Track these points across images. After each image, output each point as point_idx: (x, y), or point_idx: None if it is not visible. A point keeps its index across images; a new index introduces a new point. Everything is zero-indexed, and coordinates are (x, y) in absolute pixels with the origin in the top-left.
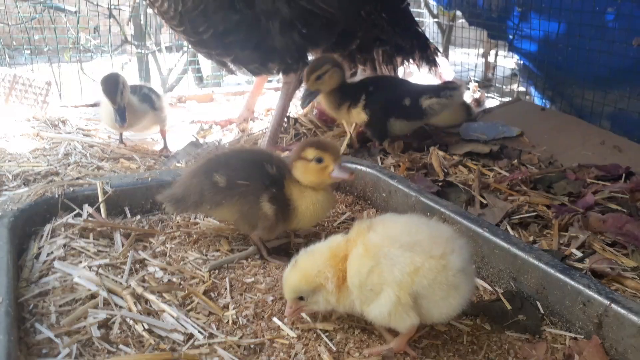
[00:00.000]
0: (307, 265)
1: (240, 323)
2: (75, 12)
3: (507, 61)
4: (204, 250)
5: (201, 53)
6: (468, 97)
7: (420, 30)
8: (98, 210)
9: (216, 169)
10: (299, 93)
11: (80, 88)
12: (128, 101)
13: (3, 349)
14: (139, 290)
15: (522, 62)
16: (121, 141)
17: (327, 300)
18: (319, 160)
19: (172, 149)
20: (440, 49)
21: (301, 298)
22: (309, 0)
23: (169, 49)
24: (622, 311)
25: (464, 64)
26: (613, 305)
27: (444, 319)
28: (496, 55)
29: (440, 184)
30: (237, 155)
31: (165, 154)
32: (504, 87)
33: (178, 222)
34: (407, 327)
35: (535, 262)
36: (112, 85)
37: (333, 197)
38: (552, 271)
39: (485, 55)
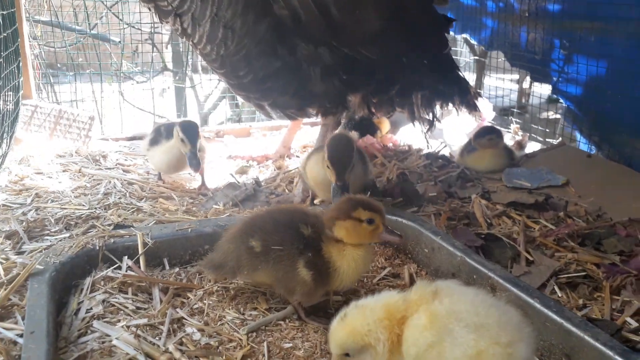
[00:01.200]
0: (357, 322)
1: None
2: (119, 42)
3: (542, 87)
4: (242, 309)
5: (240, 96)
6: (510, 139)
7: (461, 74)
8: (137, 262)
9: (252, 234)
10: None
11: (121, 119)
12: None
13: None
14: (177, 355)
15: (566, 105)
16: (159, 178)
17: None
18: (370, 222)
19: (210, 184)
20: (475, 77)
21: (347, 354)
22: (351, 47)
23: (205, 70)
24: None
25: (499, 89)
26: None
27: None
28: (531, 81)
29: (483, 236)
30: (272, 217)
31: (203, 191)
32: (540, 113)
33: None
34: None
35: (592, 341)
36: (195, 130)
37: (373, 250)
38: (610, 353)
39: (520, 81)
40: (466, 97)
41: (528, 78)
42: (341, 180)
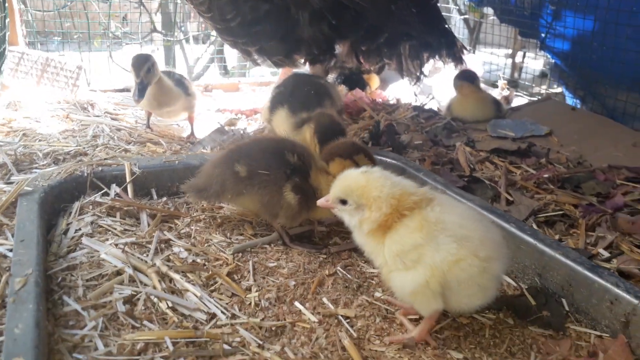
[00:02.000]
0: (375, 183)
1: (263, 305)
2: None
3: (534, 62)
4: (228, 234)
5: (227, 42)
6: (497, 94)
7: (448, 27)
8: (125, 190)
9: (237, 159)
10: None
11: (110, 72)
12: (162, 81)
13: (32, 317)
14: (164, 269)
15: (553, 61)
16: (148, 126)
17: (360, 224)
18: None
19: (199, 135)
20: (468, 48)
21: (342, 202)
22: None
23: (196, 39)
24: None
25: (492, 63)
26: None
27: (457, 312)
28: (524, 55)
29: (466, 179)
30: (259, 145)
31: (192, 140)
32: (532, 87)
33: (203, 205)
34: (429, 311)
35: (563, 259)
36: (140, 61)
37: None
38: (579, 268)
39: (513, 55)
40: (453, 49)
41: (520, 53)
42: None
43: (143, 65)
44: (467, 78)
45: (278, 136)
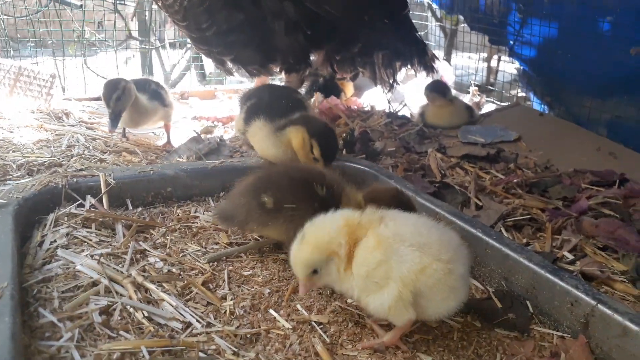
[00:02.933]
0: (318, 235)
1: (238, 314)
2: (81, 6)
3: (509, 66)
4: (204, 243)
5: (201, 51)
6: (468, 100)
7: (419, 37)
8: (100, 201)
9: (265, 189)
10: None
11: (84, 82)
12: (138, 101)
13: (8, 330)
14: (140, 279)
15: (522, 68)
16: (124, 135)
17: (339, 269)
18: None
19: (175, 144)
20: (443, 53)
21: (314, 272)
22: (315, 2)
23: (172, 45)
24: (608, 312)
25: (466, 68)
26: (599, 306)
27: (437, 318)
28: (499, 60)
29: (437, 185)
30: (287, 174)
31: (168, 148)
32: (505, 92)
33: (179, 215)
34: (404, 322)
35: (526, 262)
36: (110, 89)
37: None
38: (542, 272)
39: (488, 60)
40: (424, 58)
41: (496, 57)
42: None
43: (112, 94)
44: (438, 90)
45: (308, 166)
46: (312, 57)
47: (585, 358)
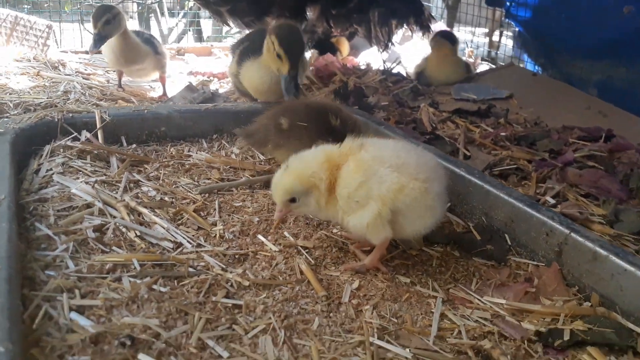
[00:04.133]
0: (301, 167)
1: (227, 237)
2: None
3: (511, 41)
4: (196, 178)
5: (199, 2)
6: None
7: None
8: (96, 136)
9: (283, 113)
10: None
11: (81, 37)
12: (130, 38)
13: (5, 233)
14: (133, 204)
15: (517, 29)
16: (120, 85)
17: (318, 202)
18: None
19: (170, 95)
20: (445, 26)
21: (292, 200)
22: None
23: (171, 13)
24: (580, 239)
25: (468, 42)
26: (572, 234)
27: (414, 236)
28: (500, 34)
29: (427, 136)
30: (306, 104)
31: (163, 99)
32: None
33: (172, 153)
34: (381, 239)
35: (506, 197)
36: (100, 12)
37: None
38: (520, 205)
39: (489, 34)
40: (421, 17)
41: (497, 31)
42: (295, 68)
43: (102, 16)
44: (448, 37)
45: (327, 101)
46: (308, 12)
47: (557, 283)
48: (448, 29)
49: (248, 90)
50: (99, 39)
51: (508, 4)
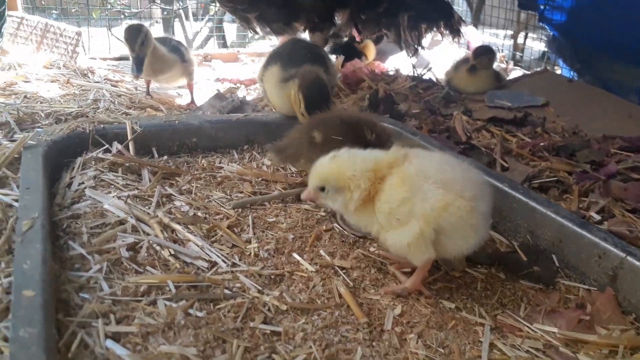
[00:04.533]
0: (345, 164)
1: (262, 256)
2: None
3: (536, 43)
4: (228, 192)
5: (226, 8)
6: (495, 66)
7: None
8: (127, 147)
9: (316, 126)
10: None
11: (109, 43)
12: (157, 50)
13: (40, 255)
14: (166, 220)
15: (551, 34)
16: (148, 93)
17: (346, 204)
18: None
19: (198, 103)
20: (474, 29)
21: (322, 189)
22: None
23: (195, 16)
24: (638, 263)
25: (493, 45)
26: (629, 258)
27: (457, 256)
28: (525, 36)
29: (462, 146)
30: (340, 117)
31: (191, 107)
32: (534, 68)
33: (203, 165)
34: (423, 260)
35: (554, 216)
36: (134, 33)
37: None
38: (569, 225)
39: (514, 36)
40: (450, 21)
41: (522, 33)
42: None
43: (137, 37)
44: (488, 53)
45: (362, 113)
46: (336, 17)
47: (612, 310)
48: (486, 44)
49: (269, 98)
50: (140, 62)
51: (542, 7)
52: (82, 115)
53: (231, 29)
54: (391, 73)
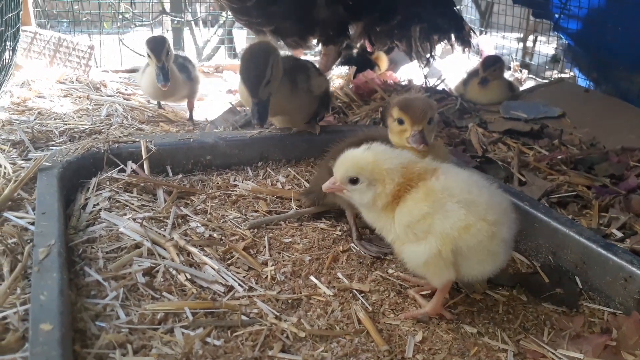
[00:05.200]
0: (383, 156)
1: (279, 279)
2: None
3: (546, 47)
4: (243, 211)
5: (240, 21)
6: (509, 76)
7: (457, 10)
8: (142, 167)
9: (333, 157)
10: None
11: (120, 55)
12: (174, 73)
13: (57, 285)
14: (182, 242)
15: (566, 42)
16: (160, 106)
17: (376, 200)
18: (400, 122)
19: (208, 117)
20: (480, 29)
21: (353, 181)
22: None
23: (204, 22)
24: None
25: (503, 48)
26: None
27: (468, 279)
28: (535, 40)
29: (478, 160)
30: (350, 142)
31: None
32: (544, 71)
33: (218, 183)
34: (442, 282)
35: (577, 237)
36: (159, 44)
37: None
38: (593, 246)
39: (524, 39)
40: (462, 33)
41: (532, 37)
42: (255, 96)
43: (162, 48)
44: (499, 62)
45: (369, 132)
46: (350, 29)
47: (639, 335)
48: (494, 54)
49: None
50: (166, 71)
51: (556, 15)
52: (95, 132)
53: (241, 36)
54: (404, 83)
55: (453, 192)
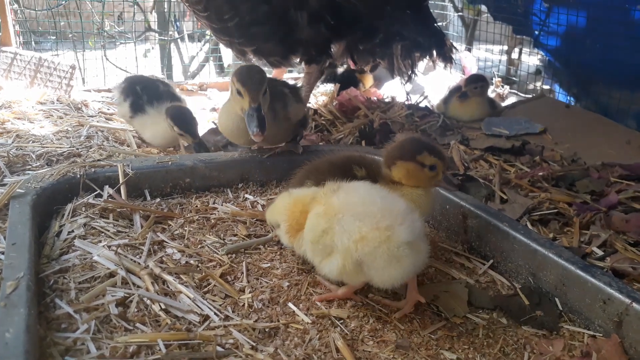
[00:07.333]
0: (279, 203)
1: (256, 307)
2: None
3: (530, 58)
4: (222, 235)
5: (222, 42)
6: (491, 91)
7: (438, 27)
8: (118, 191)
9: (308, 176)
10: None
11: (104, 74)
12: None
13: (23, 321)
14: (157, 270)
15: (547, 58)
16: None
17: (283, 237)
18: (432, 168)
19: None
20: (464, 45)
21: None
22: None
23: (191, 37)
24: None
25: (488, 60)
26: (634, 305)
27: (386, 286)
28: (520, 52)
29: (460, 177)
30: (329, 161)
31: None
32: (527, 84)
33: (197, 206)
34: (359, 283)
35: (556, 258)
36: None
37: (432, 194)
38: (572, 268)
39: (509, 52)
40: (443, 49)
41: (517, 49)
42: (256, 101)
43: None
44: (480, 81)
45: (348, 152)
46: (333, 48)
47: (619, 358)
48: (479, 73)
49: (226, 136)
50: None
51: (536, 32)
52: (74, 154)
53: (228, 52)
54: (387, 100)
55: (349, 206)
